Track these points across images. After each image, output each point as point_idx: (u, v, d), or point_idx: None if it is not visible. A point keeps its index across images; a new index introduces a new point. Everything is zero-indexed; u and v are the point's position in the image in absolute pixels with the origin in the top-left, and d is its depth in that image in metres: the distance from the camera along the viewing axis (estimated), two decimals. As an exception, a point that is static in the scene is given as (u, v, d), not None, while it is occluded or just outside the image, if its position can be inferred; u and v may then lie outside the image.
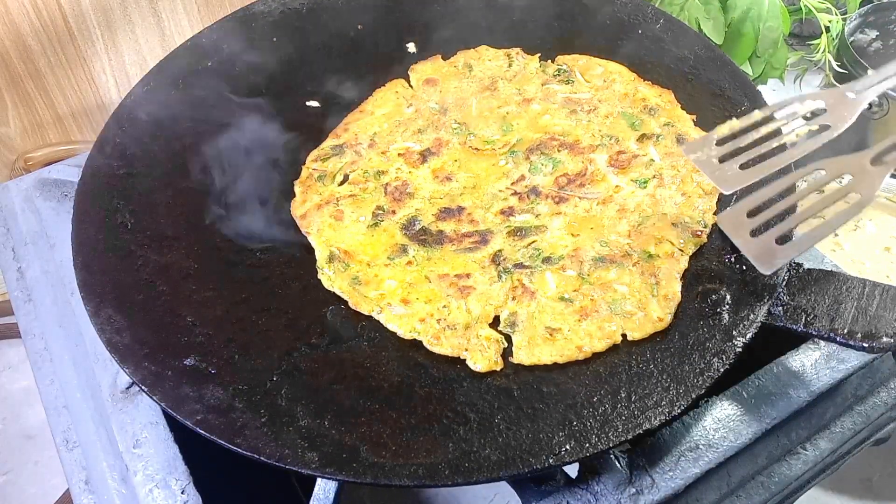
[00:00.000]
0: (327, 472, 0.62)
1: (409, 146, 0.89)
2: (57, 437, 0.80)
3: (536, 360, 0.69)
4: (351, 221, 0.82)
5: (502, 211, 0.82)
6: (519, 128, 0.90)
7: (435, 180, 0.86)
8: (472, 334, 0.71)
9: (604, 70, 0.94)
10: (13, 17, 1.31)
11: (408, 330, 0.72)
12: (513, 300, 0.74)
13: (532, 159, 0.86)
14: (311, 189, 0.86)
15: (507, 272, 0.76)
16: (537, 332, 0.71)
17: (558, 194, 0.82)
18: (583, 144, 0.87)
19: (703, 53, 0.94)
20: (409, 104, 0.94)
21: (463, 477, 0.61)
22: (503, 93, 0.94)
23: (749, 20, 1.38)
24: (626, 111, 0.89)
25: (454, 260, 0.78)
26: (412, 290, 0.75)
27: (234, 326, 0.72)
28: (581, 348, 0.69)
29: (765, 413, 0.76)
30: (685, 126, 0.86)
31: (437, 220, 0.82)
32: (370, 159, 0.88)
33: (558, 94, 0.92)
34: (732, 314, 0.70)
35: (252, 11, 1.03)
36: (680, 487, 0.71)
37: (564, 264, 0.76)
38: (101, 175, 0.84)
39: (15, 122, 1.44)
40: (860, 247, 1.49)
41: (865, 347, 0.66)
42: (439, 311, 0.73)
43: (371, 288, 0.76)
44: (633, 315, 0.71)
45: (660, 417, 0.64)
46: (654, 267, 0.74)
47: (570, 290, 0.74)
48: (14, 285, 0.92)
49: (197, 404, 0.65)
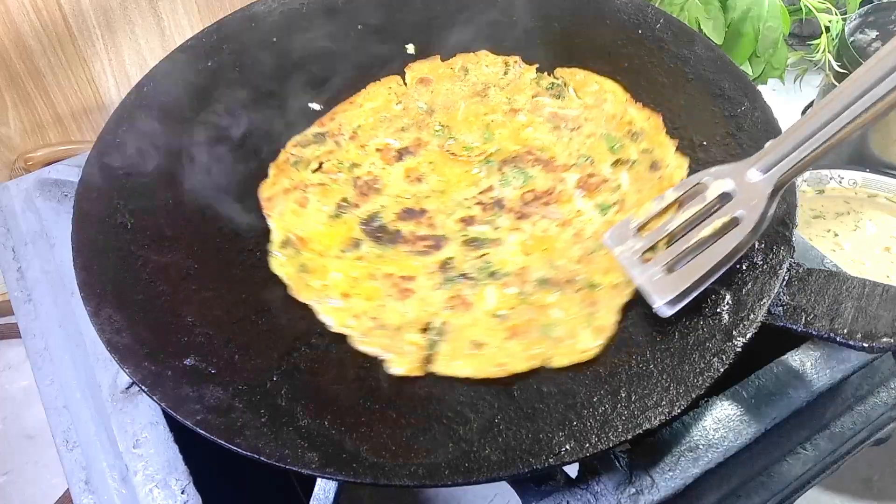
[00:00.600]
0: (327, 472, 0.62)
1: (389, 142, 0.89)
2: (57, 437, 0.80)
3: (453, 373, 0.68)
4: (314, 210, 0.82)
5: (463, 219, 0.81)
6: (500, 137, 0.89)
7: (406, 180, 0.86)
8: (401, 337, 0.71)
9: (599, 88, 0.92)
10: (13, 17, 1.31)
11: (340, 324, 0.72)
12: (449, 309, 0.73)
13: (505, 171, 0.85)
14: (284, 173, 0.86)
15: (452, 281, 0.75)
16: (462, 345, 0.70)
17: (521, 210, 0.81)
18: (558, 162, 0.86)
19: (703, 53, 0.94)
20: (399, 101, 0.94)
21: (463, 477, 0.61)
22: (493, 100, 0.93)
23: (749, 20, 1.38)
24: (609, 133, 0.87)
25: (404, 261, 0.77)
26: (355, 286, 0.75)
27: (234, 326, 0.72)
28: (502, 366, 0.68)
29: (765, 413, 0.76)
30: (664, 153, 0.84)
31: (398, 219, 0.81)
32: (348, 151, 0.89)
33: (546, 108, 0.91)
34: (732, 314, 0.70)
35: (252, 11, 1.03)
36: (680, 487, 0.71)
37: (508, 281, 0.75)
38: (101, 175, 0.84)
39: (15, 122, 1.44)
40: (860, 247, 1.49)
41: (865, 347, 0.66)
42: (375, 310, 0.73)
43: (316, 277, 0.76)
44: (561, 341, 0.69)
45: (660, 417, 0.64)
46: (595, 296, 0.72)
47: (507, 308, 0.72)
48: (14, 285, 0.92)
49: (197, 404, 0.65)
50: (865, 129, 0.69)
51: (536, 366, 0.68)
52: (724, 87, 0.90)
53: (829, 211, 1.55)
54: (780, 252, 0.73)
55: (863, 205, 1.55)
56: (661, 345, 0.69)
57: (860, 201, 1.56)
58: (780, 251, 0.73)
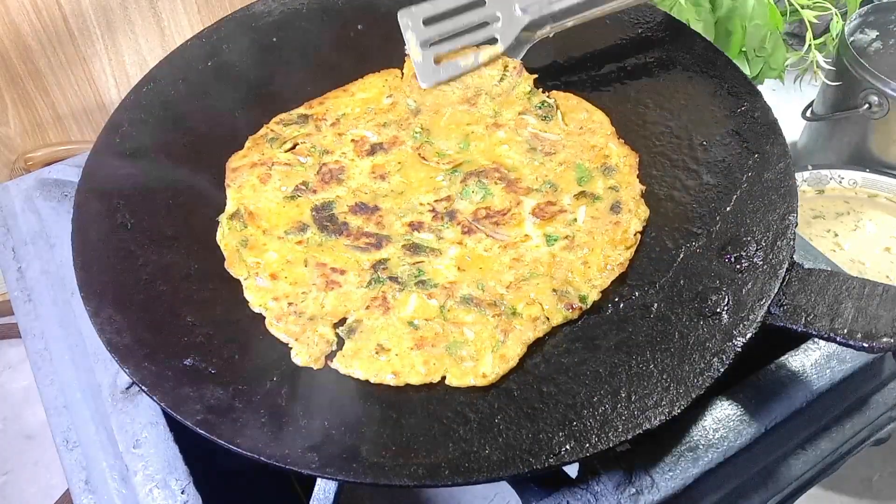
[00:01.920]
0: (327, 472, 0.62)
1: (366, 135, 0.89)
2: (57, 437, 0.80)
3: (350, 373, 0.68)
4: (272, 188, 0.84)
5: (411, 223, 0.81)
6: (475, 150, 0.88)
7: (370, 175, 0.86)
8: (312, 327, 0.71)
9: (587, 117, 0.90)
10: (13, 17, 1.31)
11: (257, 303, 0.74)
12: (366, 308, 0.73)
13: (468, 183, 0.84)
14: (258, 147, 0.87)
15: (379, 282, 0.75)
16: (368, 346, 0.70)
17: (470, 225, 0.80)
18: (521, 184, 0.84)
19: (703, 53, 0.94)
20: (390, 95, 0.94)
21: (463, 477, 0.61)
22: (479, 110, 0.92)
23: (736, 18, 1.38)
24: (582, 163, 0.85)
25: (341, 253, 0.78)
26: (286, 269, 0.76)
27: (234, 326, 0.72)
28: (397, 375, 0.68)
29: (765, 413, 0.76)
30: (628, 195, 0.81)
31: (350, 212, 0.82)
32: (325, 136, 0.89)
33: (528, 128, 0.89)
34: (732, 314, 0.70)
35: (252, 11, 1.03)
36: (680, 487, 0.71)
37: (434, 293, 0.74)
38: (101, 175, 0.84)
39: (15, 122, 1.44)
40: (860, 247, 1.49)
41: (865, 347, 0.66)
42: (296, 296, 0.74)
43: (252, 254, 0.78)
44: (463, 361, 0.69)
45: (660, 417, 0.64)
46: (511, 325, 0.71)
47: (423, 318, 0.72)
48: (14, 285, 0.92)
49: (197, 404, 0.65)
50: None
51: (430, 381, 0.68)
52: (724, 87, 0.90)
53: (829, 211, 1.55)
54: (780, 252, 0.73)
55: (863, 205, 1.55)
56: (661, 345, 0.69)
57: (860, 201, 1.56)
58: (780, 251, 0.74)
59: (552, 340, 0.71)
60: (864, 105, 1.56)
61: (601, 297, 0.74)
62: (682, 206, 0.80)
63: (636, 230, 0.78)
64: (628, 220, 0.79)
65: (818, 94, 1.75)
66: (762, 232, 0.76)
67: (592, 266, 0.76)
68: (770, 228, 0.76)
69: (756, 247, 0.74)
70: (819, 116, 1.73)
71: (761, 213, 0.77)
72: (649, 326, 0.71)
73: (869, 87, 1.54)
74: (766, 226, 0.76)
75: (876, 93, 1.53)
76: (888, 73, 1.52)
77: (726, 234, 0.76)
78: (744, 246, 0.75)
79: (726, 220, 0.78)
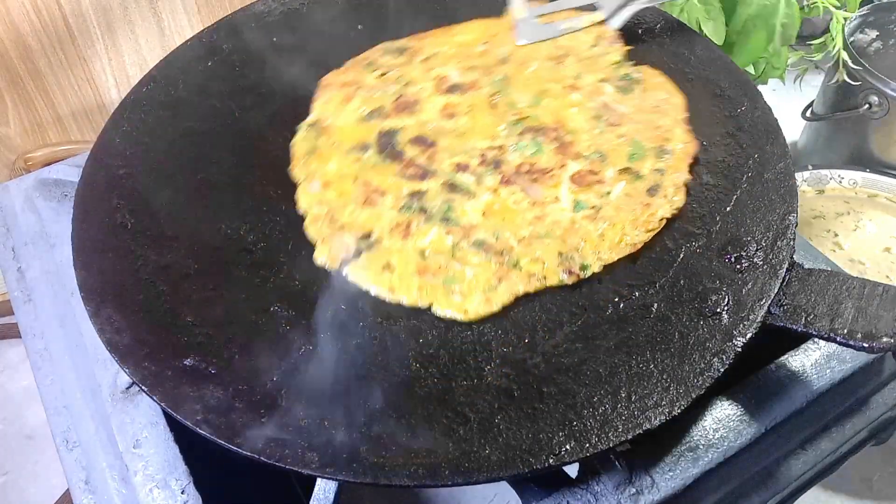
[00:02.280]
0: (327, 472, 0.62)
1: (450, 74, 0.92)
2: (57, 437, 0.80)
3: (355, 280, 0.75)
4: (353, 108, 0.89)
5: (458, 164, 0.84)
6: (545, 107, 0.89)
7: (440, 112, 0.89)
8: (339, 234, 0.77)
9: (666, 98, 0.90)
10: (13, 17, 1.31)
11: (305, 205, 0.81)
12: (390, 230, 0.78)
13: (524, 137, 0.86)
14: (355, 69, 0.94)
15: (410, 209, 0.79)
16: (378, 261, 0.76)
17: (510, 177, 0.82)
18: (573, 149, 0.85)
19: (703, 53, 0.94)
20: (486, 42, 0.96)
21: (463, 477, 0.61)
22: (564, 70, 0.92)
23: (762, 17, 1.37)
24: (640, 141, 0.85)
25: (387, 177, 0.82)
26: (337, 181, 0.82)
27: (234, 326, 0.72)
28: (393, 290, 0.74)
29: (765, 413, 0.76)
30: (670, 180, 0.81)
31: (410, 142, 0.86)
32: (414, 69, 0.93)
33: (602, 97, 0.90)
34: (732, 314, 0.70)
35: (252, 11, 1.03)
36: (680, 487, 0.71)
37: (452, 230, 0.78)
38: (101, 175, 0.84)
39: (15, 122, 1.44)
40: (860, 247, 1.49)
41: (865, 347, 0.66)
42: (337, 206, 0.80)
43: (316, 162, 0.84)
44: (453, 294, 0.73)
45: (660, 417, 0.64)
46: (509, 274, 0.74)
47: (434, 251, 0.77)
48: (14, 285, 0.92)
49: (197, 404, 0.65)
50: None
51: (419, 305, 0.73)
52: (724, 87, 0.90)
53: (829, 211, 1.55)
54: (780, 252, 0.73)
55: (863, 205, 1.55)
56: (661, 345, 0.69)
57: (860, 201, 1.56)
58: (780, 251, 0.74)
59: (552, 340, 0.71)
60: (864, 105, 1.56)
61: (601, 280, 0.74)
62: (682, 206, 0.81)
63: (664, 216, 0.78)
64: (660, 204, 0.79)
65: (818, 94, 1.75)
66: (762, 232, 0.76)
67: (606, 240, 0.77)
68: (770, 228, 0.76)
69: (756, 247, 0.74)
70: (819, 116, 1.73)
71: (761, 213, 0.78)
72: (649, 326, 0.71)
73: (869, 87, 1.54)
74: (766, 226, 0.76)
75: (876, 93, 1.53)
76: (888, 73, 1.53)
77: (726, 234, 0.76)
78: (744, 246, 0.75)
79: (726, 220, 0.78)
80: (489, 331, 0.71)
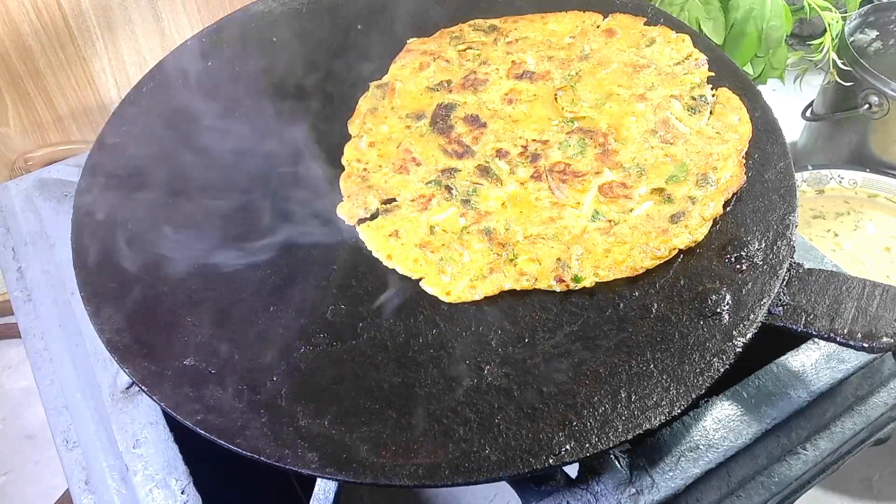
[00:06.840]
0: (327, 472, 0.62)
1: (527, 60, 0.94)
2: (57, 437, 0.80)
3: (363, 237, 0.78)
4: (424, 77, 0.93)
5: (499, 150, 0.85)
6: (607, 111, 0.88)
7: (502, 96, 0.91)
8: (365, 193, 0.81)
9: (738, 121, 0.85)
10: (13, 17, 1.31)
11: (348, 158, 0.85)
12: (411, 200, 0.80)
13: (572, 137, 0.85)
14: (441, 39, 0.97)
15: (438, 184, 0.82)
16: (389, 227, 0.79)
17: (542, 173, 0.82)
18: (615, 158, 0.83)
19: (703, 53, 0.94)
20: (574, 35, 0.97)
21: (463, 477, 0.61)
22: (639, 79, 0.90)
23: (752, 20, 1.37)
24: (686, 163, 0.81)
25: (429, 149, 0.85)
26: (384, 143, 0.86)
27: (234, 326, 0.72)
28: (390, 256, 0.77)
29: (765, 413, 0.76)
30: (699, 212, 0.77)
31: (463, 119, 0.88)
32: (496, 49, 0.95)
33: (667, 112, 0.87)
34: (732, 314, 0.70)
35: (252, 11, 1.03)
36: (680, 487, 0.71)
37: (467, 213, 0.80)
38: (101, 175, 0.84)
39: (15, 122, 1.44)
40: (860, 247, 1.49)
41: (865, 347, 0.66)
42: (373, 166, 0.84)
43: (373, 119, 0.88)
44: (443, 273, 0.75)
45: (660, 417, 0.64)
46: (500, 269, 0.75)
47: (444, 230, 0.78)
48: (14, 285, 0.92)
49: (197, 404, 0.65)
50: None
51: (411, 276, 0.75)
52: (724, 87, 0.90)
53: (829, 211, 1.55)
54: (780, 252, 0.73)
55: (863, 205, 1.55)
56: (661, 345, 0.69)
57: (860, 201, 1.56)
58: (780, 251, 0.74)
59: (552, 340, 0.71)
60: (864, 105, 1.56)
61: (594, 293, 0.74)
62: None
63: (678, 246, 0.75)
64: (678, 233, 0.76)
65: (818, 94, 1.75)
66: (762, 232, 0.76)
67: (610, 257, 0.75)
68: (770, 228, 0.76)
69: (756, 247, 0.74)
70: (819, 116, 1.73)
71: (761, 213, 0.78)
72: (649, 326, 0.71)
73: (869, 87, 1.54)
74: (766, 226, 0.76)
75: (876, 93, 1.53)
76: (888, 73, 1.52)
77: (726, 234, 0.76)
78: (744, 246, 0.75)
79: (726, 220, 0.78)
80: (489, 330, 0.71)
